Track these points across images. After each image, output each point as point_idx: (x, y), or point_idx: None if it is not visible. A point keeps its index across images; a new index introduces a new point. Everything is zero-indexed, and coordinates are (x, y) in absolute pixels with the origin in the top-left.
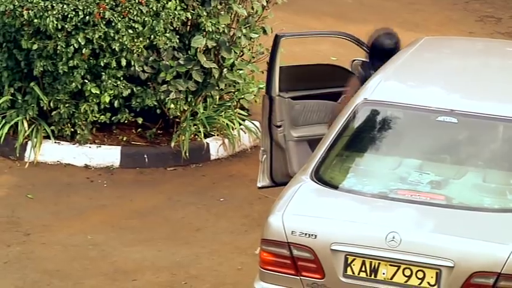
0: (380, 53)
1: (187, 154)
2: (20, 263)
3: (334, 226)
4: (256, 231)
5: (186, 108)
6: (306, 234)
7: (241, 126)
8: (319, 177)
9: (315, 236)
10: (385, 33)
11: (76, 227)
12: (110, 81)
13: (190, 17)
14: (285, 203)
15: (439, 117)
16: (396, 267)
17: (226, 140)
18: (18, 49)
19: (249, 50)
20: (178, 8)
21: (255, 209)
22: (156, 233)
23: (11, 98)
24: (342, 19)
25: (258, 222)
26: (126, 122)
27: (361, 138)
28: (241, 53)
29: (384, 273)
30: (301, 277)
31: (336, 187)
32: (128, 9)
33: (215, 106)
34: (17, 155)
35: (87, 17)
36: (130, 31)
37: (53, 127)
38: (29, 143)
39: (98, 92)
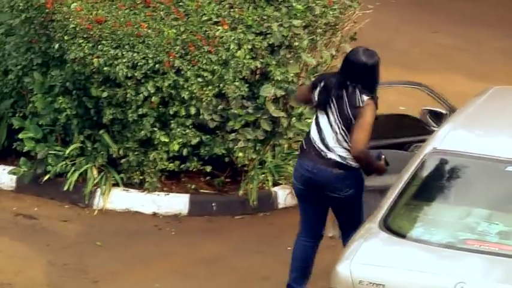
0: (349, 67)
1: (255, 202)
2: None
3: (402, 276)
4: (323, 280)
5: (254, 157)
6: (373, 283)
7: None
8: (387, 226)
9: (383, 286)
10: (363, 49)
11: (143, 275)
12: (178, 129)
13: (259, 66)
14: (353, 251)
15: (508, 167)
16: None
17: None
18: (88, 97)
19: None
20: (248, 56)
21: (322, 258)
22: (223, 282)
23: (80, 145)
24: (409, 69)
25: (326, 271)
26: (194, 170)
27: (430, 187)
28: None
29: None
30: None
31: (404, 236)
32: (197, 57)
33: (283, 155)
34: (86, 202)
35: (157, 65)
36: (199, 79)
37: (122, 175)
38: (98, 190)
39: (166, 140)
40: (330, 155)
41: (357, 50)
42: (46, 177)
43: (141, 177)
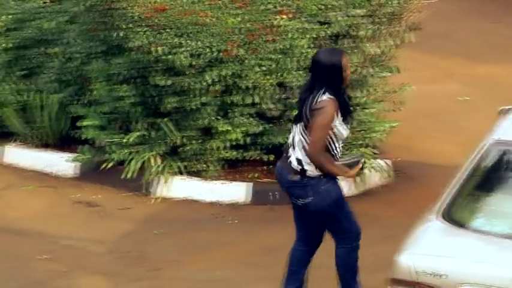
0: (314, 67)
1: None
2: None
3: (463, 266)
4: (384, 270)
5: None
6: (434, 274)
7: (371, 165)
8: (448, 216)
9: (444, 276)
10: (326, 49)
11: (203, 263)
12: (239, 118)
13: None
14: (414, 242)
15: None
16: None
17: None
18: (148, 85)
19: (378, 88)
20: (308, 46)
21: (383, 248)
22: (282, 270)
23: (141, 133)
24: (470, 59)
25: (387, 261)
26: (254, 159)
27: (492, 178)
28: (371, 92)
29: None
30: None
31: (465, 227)
32: (257, 46)
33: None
34: (146, 190)
35: (218, 54)
36: (259, 68)
37: (182, 163)
38: (157, 178)
39: (228, 128)
40: (291, 158)
41: (321, 50)
42: (105, 166)
43: (201, 166)
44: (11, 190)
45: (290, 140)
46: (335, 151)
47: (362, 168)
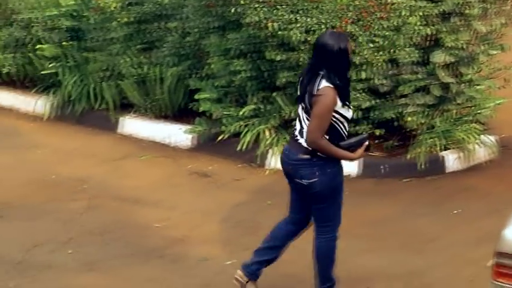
0: (315, 51)
1: (423, 166)
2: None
3: None
4: (489, 244)
5: (423, 121)
6: None
7: (478, 141)
8: None
9: None
10: (331, 33)
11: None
12: (351, 93)
13: (430, 33)
14: None
15: None
16: None
17: (461, 154)
18: (263, 60)
19: (487, 66)
20: (419, 23)
21: (488, 222)
22: (389, 242)
23: (254, 107)
24: None
25: (491, 235)
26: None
27: None
28: (480, 69)
29: None
30: None
31: None
32: (369, 23)
33: (452, 120)
34: (259, 162)
35: None
36: (371, 45)
37: None
38: (270, 151)
39: None
40: (300, 140)
41: (324, 33)
42: (221, 137)
43: None
44: (129, 160)
45: (296, 124)
46: (343, 131)
47: (368, 149)
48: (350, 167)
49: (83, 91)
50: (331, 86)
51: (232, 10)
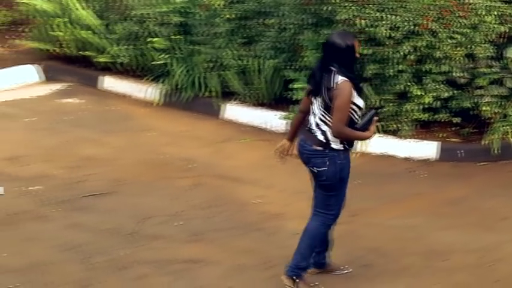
0: (326, 50)
1: (496, 151)
2: (346, 240)
3: None
4: None
5: (498, 111)
6: None
7: None
8: None
9: None
10: (338, 33)
11: (395, 211)
12: (431, 84)
13: (504, 31)
14: None
15: None
16: None
17: None
18: None
19: None
20: (495, 22)
21: None
22: (466, 220)
23: None
24: None
25: None
26: (444, 120)
27: None
28: None
29: None
30: None
31: None
32: (449, 21)
33: None
34: None
35: (414, 28)
36: (451, 41)
37: (380, 123)
38: None
39: (420, 93)
40: (316, 132)
41: (332, 33)
42: None
43: (396, 126)
44: (230, 142)
45: (312, 114)
46: (355, 117)
47: (379, 121)
48: (429, 152)
49: (190, 80)
50: (347, 79)
51: (325, 8)
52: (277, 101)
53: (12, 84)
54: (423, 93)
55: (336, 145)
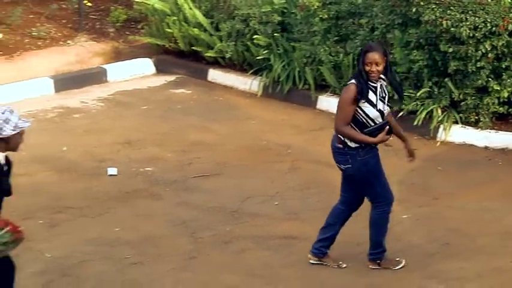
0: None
1: None
2: (428, 221)
3: None
4: None
5: None
6: None
7: None
8: None
9: None
10: (375, 43)
11: (474, 195)
12: (509, 80)
13: None
14: None
15: None
16: None
17: None
18: (437, 51)
19: None
20: None
21: None
22: None
23: (428, 89)
24: None
25: None
26: None
27: None
28: None
29: None
30: None
31: None
32: None
33: None
34: (431, 135)
35: (494, 28)
36: None
37: (460, 114)
38: (441, 126)
39: (498, 88)
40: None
41: (369, 43)
42: (400, 114)
43: (476, 118)
44: (324, 131)
45: None
46: (368, 123)
47: (390, 133)
48: (506, 142)
49: (289, 74)
50: (354, 83)
51: (413, 10)
52: None
53: (129, 75)
54: (501, 88)
55: (351, 144)
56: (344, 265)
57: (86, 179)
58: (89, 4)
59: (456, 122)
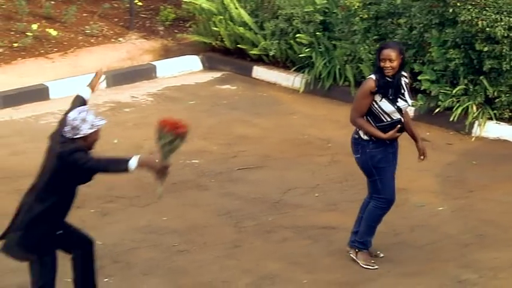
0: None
1: None
2: (463, 213)
3: None
4: None
5: None
6: None
7: None
8: None
9: None
10: (392, 41)
11: (507, 188)
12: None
13: None
14: None
15: None
16: None
17: None
18: (472, 50)
19: None
20: None
21: None
22: None
23: (464, 87)
24: None
25: None
26: None
27: None
28: None
29: None
30: None
31: None
32: None
33: None
34: (466, 130)
35: None
36: None
37: (495, 111)
38: (476, 122)
39: None
40: None
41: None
42: (437, 110)
43: (510, 114)
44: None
45: None
46: (385, 118)
47: (401, 131)
48: None
49: (330, 71)
50: (372, 77)
51: (450, 10)
52: None
53: (178, 72)
54: None
55: (364, 136)
56: (382, 255)
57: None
58: (140, 3)
59: (490, 118)
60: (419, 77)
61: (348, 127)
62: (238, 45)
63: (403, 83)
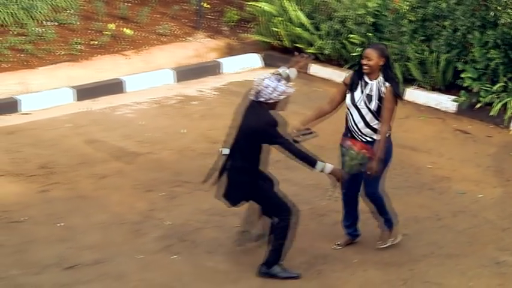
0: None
1: None
2: (501, 200)
3: None
4: None
5: None
6: None
7: None
8: None
9: None
10: (377, 44)
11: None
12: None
13: None
14: None
15: None
16: None
17: None
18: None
19: None
20: None
21: None
22: None
23: (504, 84)
24: None
25: None
26: None
27: None
28: None
29: None
30: None
31: None
32: None
33: None
34: (505, 124)
35: None
36: None
37: None
38: None
39: None
40: None
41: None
42: (478, 105)
43: None
44: (409, 119)
45: None
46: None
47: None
48: None
49: None
50: (353, 71)
51: (491, 13)
52: (449, 86)
53: (240, 68)
54: None
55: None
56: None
57: (202, 157)
58: (207, 6)
59: None
60: (462, 75)
61: (396, 120)
62: (296, 45)
63: (378, 87)
